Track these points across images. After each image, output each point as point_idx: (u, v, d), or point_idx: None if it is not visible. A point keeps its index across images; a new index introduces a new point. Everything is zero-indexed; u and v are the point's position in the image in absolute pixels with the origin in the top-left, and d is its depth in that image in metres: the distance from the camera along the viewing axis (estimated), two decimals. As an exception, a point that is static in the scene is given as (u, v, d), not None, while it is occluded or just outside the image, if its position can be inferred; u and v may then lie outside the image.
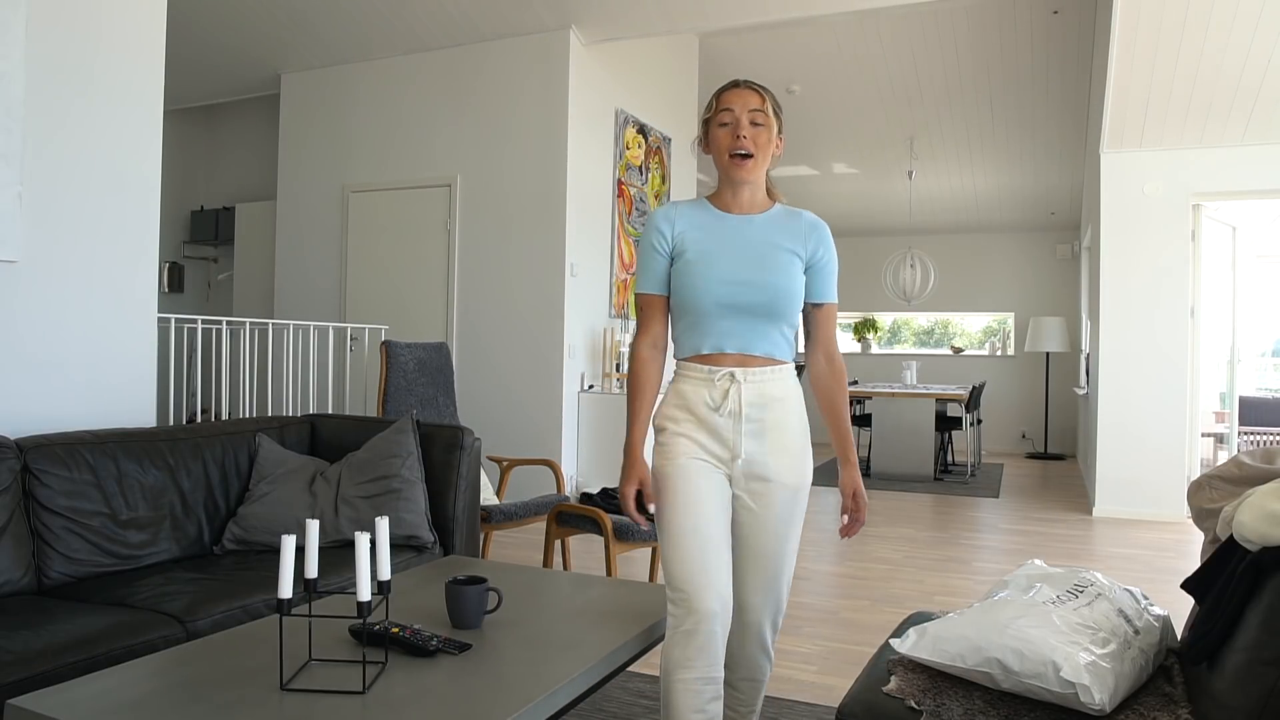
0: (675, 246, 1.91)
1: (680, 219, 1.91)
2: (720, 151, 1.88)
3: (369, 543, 1.51)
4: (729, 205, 1.92)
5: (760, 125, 1.86)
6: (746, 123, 1.85)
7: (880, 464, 7.83)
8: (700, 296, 1.84)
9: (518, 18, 5.62)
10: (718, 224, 1.90)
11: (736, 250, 1.88)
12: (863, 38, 6.45)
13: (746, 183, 1.88)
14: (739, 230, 1.90)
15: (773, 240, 1.88)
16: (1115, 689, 1.50)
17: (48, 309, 2.89)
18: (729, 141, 1.85)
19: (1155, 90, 5.31)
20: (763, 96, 1.88)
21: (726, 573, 1.78)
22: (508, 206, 5.86)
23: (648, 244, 1.93)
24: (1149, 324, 5.89)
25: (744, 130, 1.84)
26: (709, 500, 1.81)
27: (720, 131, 1.87)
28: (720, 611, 1.73)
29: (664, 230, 1.91)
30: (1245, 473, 1.80)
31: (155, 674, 1.60)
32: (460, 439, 3.10)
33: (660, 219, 1.93)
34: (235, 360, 4.81)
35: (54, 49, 2.88)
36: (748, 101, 1.86)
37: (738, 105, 1.86)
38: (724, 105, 1.88)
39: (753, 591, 1.87)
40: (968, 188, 9.09)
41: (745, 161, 1.85)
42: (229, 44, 6.35)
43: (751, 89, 1.88)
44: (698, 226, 1.90)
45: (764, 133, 1.86)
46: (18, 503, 2.36)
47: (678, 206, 1.94)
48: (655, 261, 1.93)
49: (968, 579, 4.26)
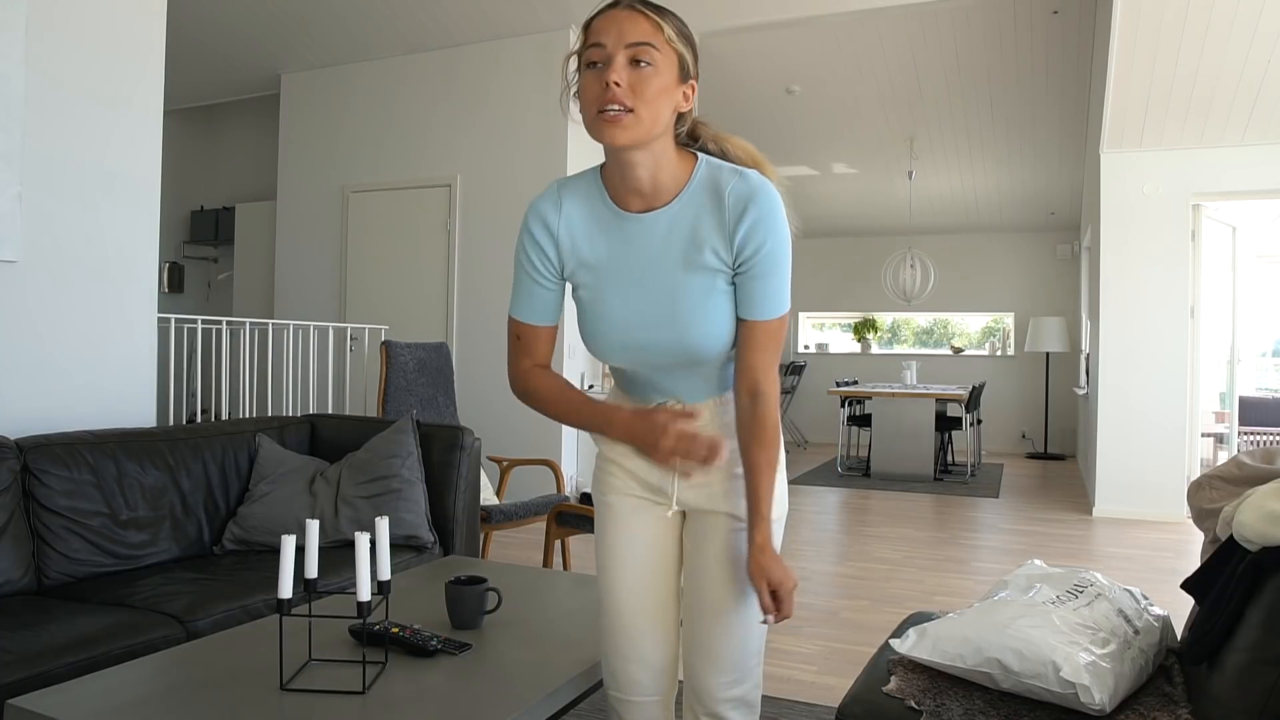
0: (565, 267, 1.38)
1: (565, 225, 1.36)
2: (586, 103, 1.26)
3: (369, 543, 1.50)
4: (621, 196, 1.33)
5: (647, 65, 1.23)
6: (623, 62, 1.23)
7: (880, 464, 7.83)
8: (601, 351, 1.39)
9: (518, 18, 5.62)
10: (610, 232, 1.35)
11: (633, 280, 1.34)
12: (863, 38, 6.45)
13: (632, 158, 1.27)
14: (636, 243, 1.33)
15: (682, 253, 1.31)
16: (1115, 689, 1.50)
17: (48, 309, 2.89)
18: (597, 92, 1.23)
19: (1155, 90, 5.31)
20: (655, 21, 1.26)
21: (662, 637, 1.44)
22: (508, 206, 5.85)
23: (522, 260, 1.39)
24: (1149, 324, 5.89)
25: (616, 73, 1.22)
26: (643, 547, 1.45)
27: (588, 77, 1.25)
28: (649, 681, 1.44)
29: (542, 244, 1.36)
30: (1245, 473, 1.80)
31: (155, 674, 1.60)
32: (460, 439, 3.10)
33: (535, 224, 1.36)
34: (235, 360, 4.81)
35: (54, 49, 2.88)
36: (627, 30, 1.23)
37: (611, 36, 1.24)
38: (590, 37, 1.26)
39: (700, 655, 1.41)
40: (968, 188, 9.09)
41: (620, 119, 1.22)
42: (229, 44, 6.34)
43: (636, 10, 1.26)
44: (587, 239, 1.36)
45: (654, 76, 1.24)
46: (18, 503, 2.36)
47: (563, 198, 1.37)
48: (532, 289, 1.39)
49: (968, 579, 4.26)
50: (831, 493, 6.99)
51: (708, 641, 1.40)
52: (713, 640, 1.40)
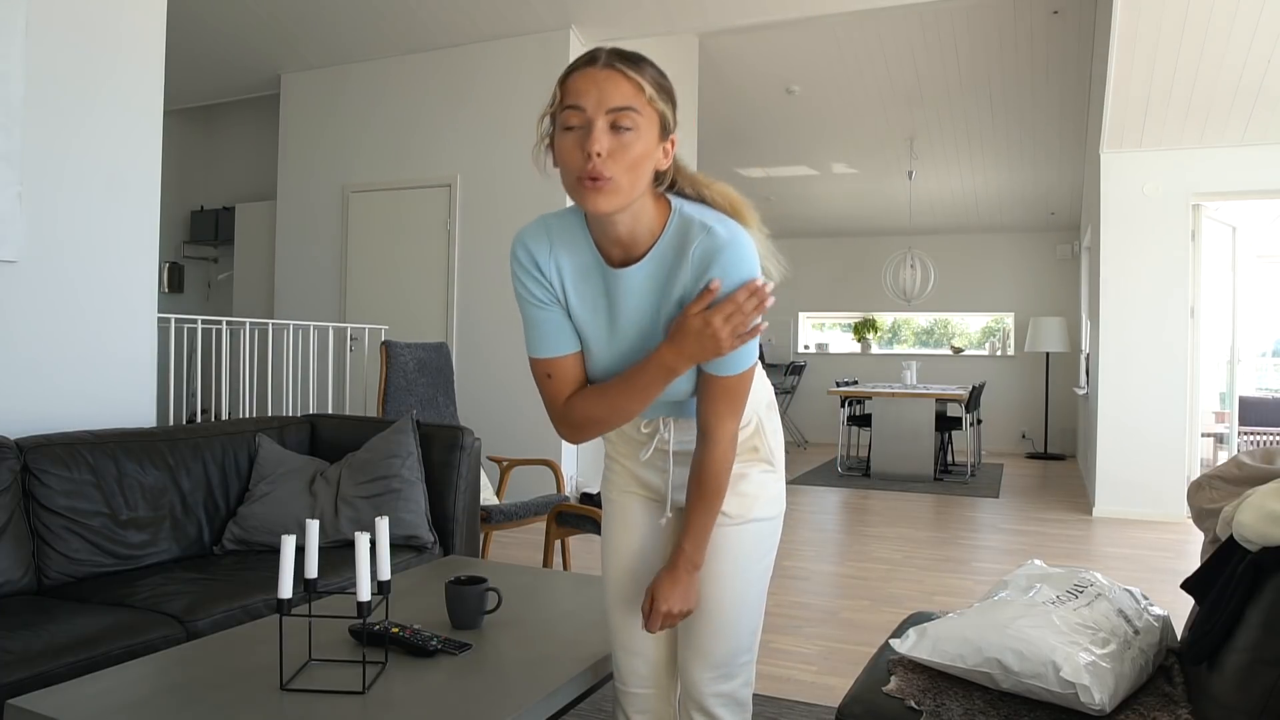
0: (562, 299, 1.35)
1: (555, 269, 1.33)
2: (566, 170, 1.21)
3: (369, 543, 1.50)
4: (603, 246, 1.31)
5: (628, 129, 1.18)
6: (604, 128, 1.18)
7: (880, 464, 7.83)
8: (590, 378, 1.40)
9: (518, 18, 5.62)
10: (596, 285, 1.33)
11: (615, 330, 1.34)
12: (863, 38, 6.45)
13: (612, 217, 1.24)
14: (615, 296, 1.32)
15: (655, 307, 1.30)
16: (1115, 689, 1.50)
17: (48, 309, 2.89)
18: (577, 159, 1.18)
19: (1155, 90, 5.31)
20: (636, 82, 1.19)
21: (661, 632, 1.46)
22: (508, 206, 5.85)
23: (523, 294, 1.34)
24: (1149, 324, 5.89)
25: (598, 142, 1.17)
26: (643, 543, 1.49)
27: (567, 140, 1.20)
28: (648, 673, 1.50)
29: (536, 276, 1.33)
30: (1245, 473, 1.80)
31: (155, 674, 1.60)
32: (460, 439, 3.10)
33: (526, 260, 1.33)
34: (235, 360, 4.81)
35: (54, 49, 2.88)
36: (608, 94, 1.17)
37: (591, 99, 1.18)
38: (568, 98, 1.19)
39: (689, 648, 1.45)
40: (968, 188, 9.09)
41: (602, 188, 1.18)
42: (229, 44, 6.34)
43: (615, 69, 1.19)
44: (575, 288, 1.34)
45: (635, 141, 1.19)
46: (18, 503, 2.36)
47: (554, 243, 1.33)
48: (543, 319, 1.34)
49: (968, 579, 4.26)
50: (831, 493, 6.99)
51: (696, 637, 1.44)
52: (701, 636, 1.43)
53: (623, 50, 1.23)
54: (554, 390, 1.37)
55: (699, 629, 1.43)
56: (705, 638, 1.43)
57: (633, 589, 1.49)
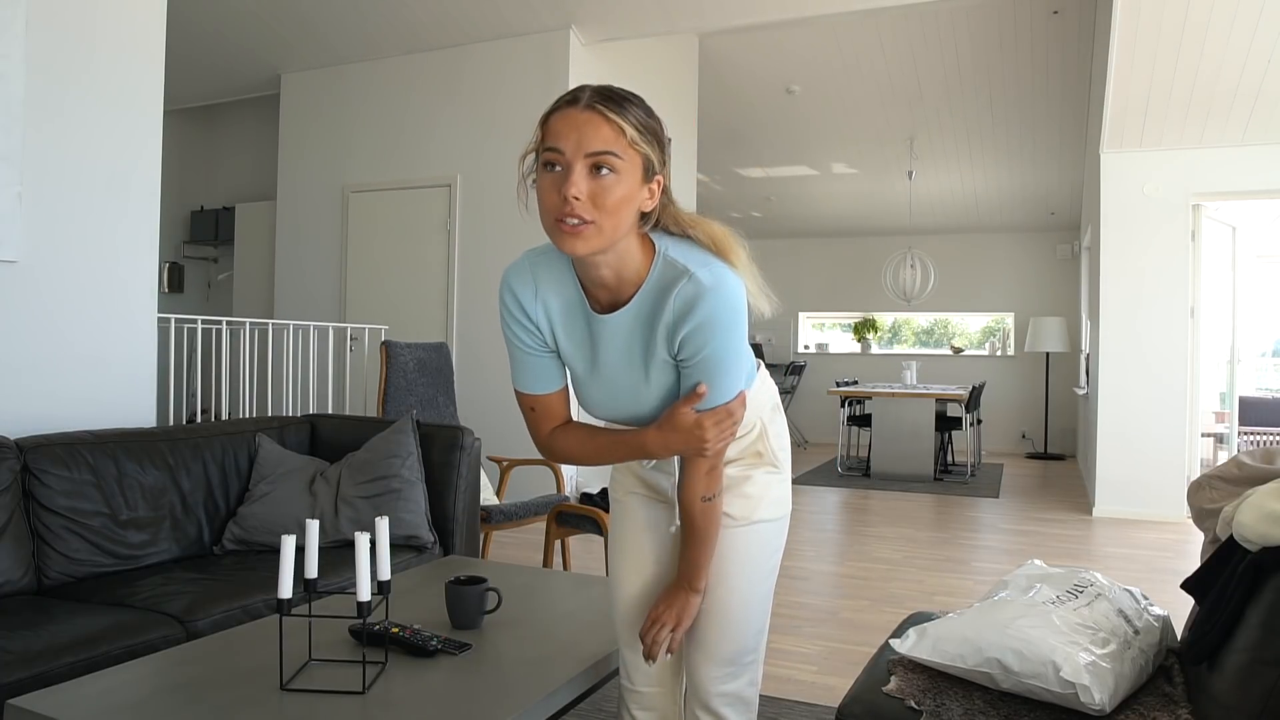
0: (547, 341, 1.36)
1: (543, 311, 1.34)
2: (544, 211, 1.19)
3: (369, 543, 1.50)
4: (589, 288, 1.30)
5: (609, 173, 1.16)
6: (583, 171, 1.15)
7: (880, 464, 7.83)
8: (584, 409, 1.46)
9: (518, 18, 5.62)
10: (584, 329, 1.33)
11: (605, 372, 1.34)
12: (863, 38, 6.45)
13: (594, 260, 1.23)
14: (604, 340, 1.32)
15: (643, 350, 1.30)
16: (1115, 689, 1.50)
17: (48, 309, 2.89)
18: (555, 201, 1.16)
19: (1155, 90, 5.31)
20: (617, 126, 1.16)
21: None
22: (508, 206, 5.84)
23: (509, 337, 1.36)
24: (1149, 324, 5.89)
25: (576, 186, 1.14)
26: (650, 543, 1.51)
27: (545, 181, 1.18)
28: (653, 672, 1.51)
29: (523, 321, 1.34)
30: (1245, 473, 1.80)
31: (155, 674, 1.60)
32: (460, 439, 3.10)
33: (512, 304, 1.33)
34: (235, 360, 4.81)
35: (54, 49, 2.88)
36: (587, 137, 1.14)
37: (570, 142, 1.15)
38: (547, 140, 1.18)
39: (696, 647, 1.45)
40: (968, 188, 9.09)
41: (580, 231, 1.16)
42: (229, 44, 6.34)
43: (596, 111, 1.15)
44: (564, 330, 1.34)
45: (615, 185, 1.16)
46: (18, 503, 2.36)
47: (539, 285, 1.33)
48: (528, 361, 1.37)
49: (968, 579, 4.26)
50: (831, 493, 6.99)
51: (703, 636, 1.45)
52: (708, 635, 1.44)
53: (608, 90, 1.20)
54: (537, 422, 1.42)
55: (706, 628, 1.44)
56: (712, 637, 1.44)
57: (641, 588, 1.50)
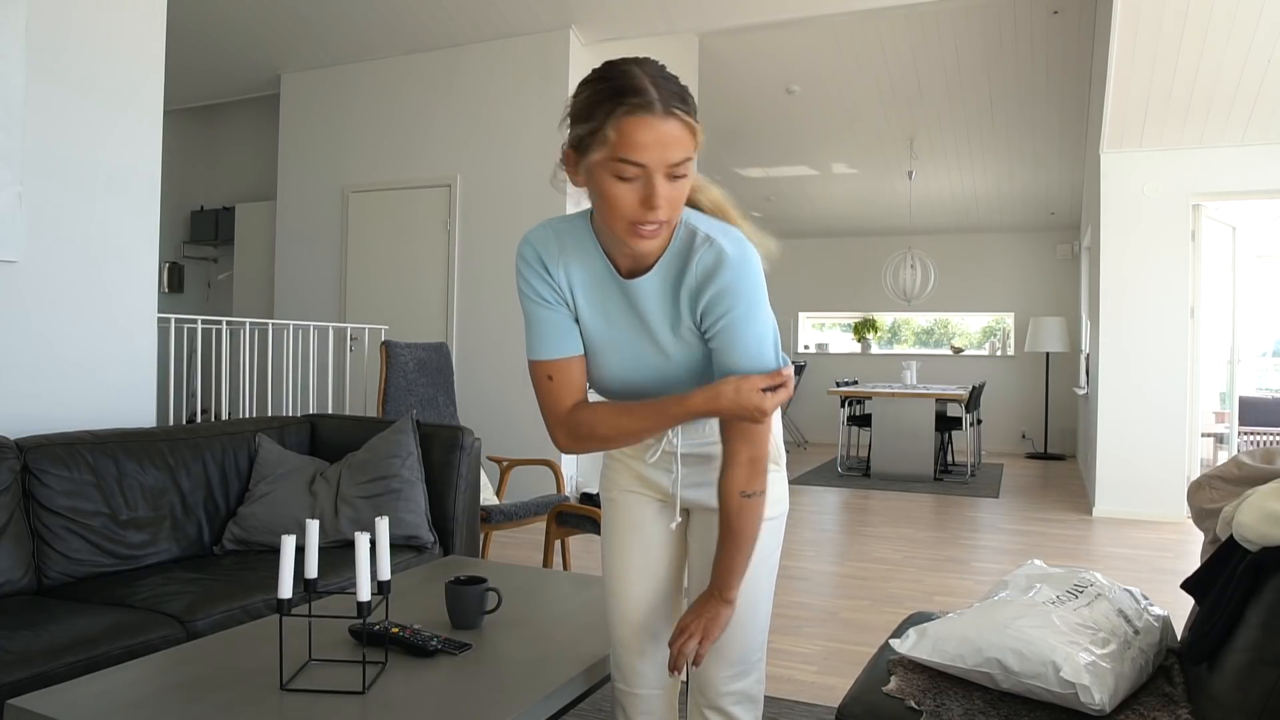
0: (570, 303, 1.34)
1: (565, 275, 1.32)
2: (616, 214, 1.19)
3: (369, 543, 1.50)
4: (614, 256, 1.31)
5: (682, 176, 1.19)
6: (663, 179, 1.16)
7: (880, 464, 7.83)
8: (596, 387, 1.41)
9: (518, 18, 5.62)
10: (608, 295, 1.33)
11: (626, 340, 1.34)
12: (863, 38, 6.45)
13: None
14: (628, 306, 1.32)
15: (666, 317, 1.31)
16: (1115, 689, 1.50)
17: (48, 309, 2.89)
18: (633, 207, 1.17)
19: (1155, 90, 5.31)
20: (691, 127, 1.18)
21: (666, 632, 1.47)
22: (508, 206, 5.85)
23: (529, 294, 1.33)
24: (1149, 324, 5.89)
25: (660, 197, 1.16)
26: (648, 543, 1.49)
27: (620, 187, 1.17)
28: (653, 675, 1.48)
29: (544, 277, 1.32)
30: (1245, 473, 1.80)
31: (155, 674, 1.60)
32: (460, 439, 3.10)
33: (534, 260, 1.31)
34: (235, 360, 4.81)
35: (54, 48, 2.88)
36: (670, 148, 1.15)
37: (654, 153, 1.14)
38: (627, 151, 1.14)
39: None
40: (968, 188, 9.09)
41: (656, 233, 1.20)
42: (229, 44, 6.34)
43: (674, 117, 1.15)
44: (585, 296, 1.33)
45: (686, 183, 1.20)
46: (18, 503, 2.36)
47: (564, 249, 1.32)
48: (549, 319, 1.33)
49: (968, 579, 4.26)
50: (831, 493, 6.99)
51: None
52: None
53: (674, 84, 1.18)
54: (555, 394, 1.34)
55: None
56: (721, 638, 1.42)
57: (649, 591, 1.48)
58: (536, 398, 1.37)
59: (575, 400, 1.35)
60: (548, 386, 1.34)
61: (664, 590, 1.49)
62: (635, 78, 1.15)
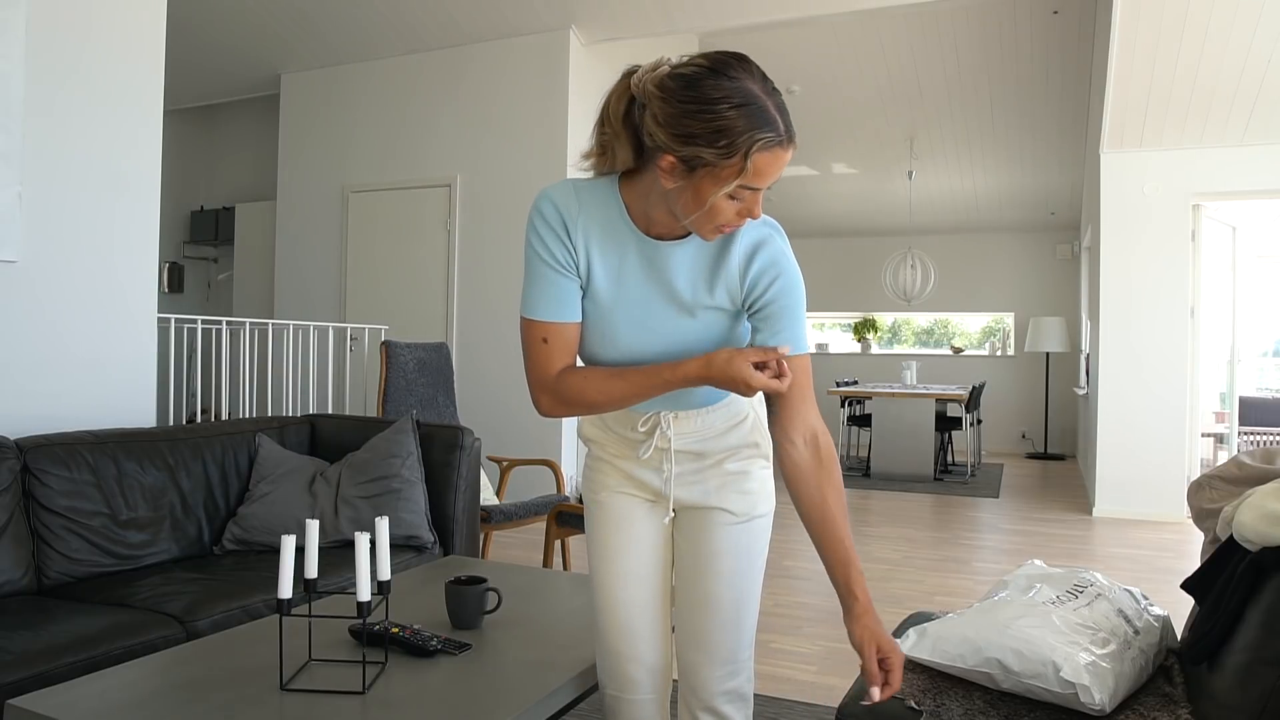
0: (579, 267, 1.31)
1: (583, 230, 1.30)
2: (712, 221, 1.22)
3: (369, 543, 1.50)
4: (645, 220, 1.29)
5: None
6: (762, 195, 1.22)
7: (880, 464, 7.83)
8: (593, 358, 1.38)
9: (518, 18, 5.62)
10: (627, 254, 1.31)
11: (642, 309, 1.32)
12: (863, 38, 6.45)
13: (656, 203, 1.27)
14: (653, 269, 1.31)
15: (695, 289, 1.31)
16: (1115, 689, 1.50)
17: (48, 309, 2.89)
18: (731, 217, 1.22)
19: (1155, 90, 5.31)
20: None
21: (657, 635, 1.47)
22: (508, 206, 5.85)
23: (539, 250, 1.30)
24: (1149, 324, 5.89)
25: (758, 209, 1.24)
26: (638, 545, 1.47)
27: (728, 203, 1.19)
28: (646, 679, 1.46)
29: (559, 233, 1.29)
30: (1245, 473, 1.80)
31: (155, 674, 1.60)
32: (460, 439, 3.10)
33: (550, 213, 1.29)
34: (235, 360, 4.81)
35: (54, 49, 2.88)
36: (781, 171, 1.21)
37: (771, 178, 1.19)
38: (755, 181, 1.17)
39: (696, 648, 1.43)
40: (968, 188, 9.09)
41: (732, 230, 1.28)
42: (229, 44, 6.34)
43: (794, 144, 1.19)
44: (601, 254, 1.31)
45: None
46: (18, 503, 2.36)
47: (581, 202, 1.30)
48: (554, 280, 1.30)
49: (968, 579, 4.26)
50: (831, 493, 6.99)
51: (703, 635, 1.42)
52: (708, 634, 1.42)
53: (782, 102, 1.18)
54: (546, 357, 1.32)
55: (707, 628, 1.42)
56: (714, 636, 1.42)
57: (640, 594, 1.46)
58: (525, 357, 1.34)
59: (565, 365, 1.33)
60: (540, 348, 1.32)
61: (655, 593, 1.47)
62: (767, 109, 1.15)
